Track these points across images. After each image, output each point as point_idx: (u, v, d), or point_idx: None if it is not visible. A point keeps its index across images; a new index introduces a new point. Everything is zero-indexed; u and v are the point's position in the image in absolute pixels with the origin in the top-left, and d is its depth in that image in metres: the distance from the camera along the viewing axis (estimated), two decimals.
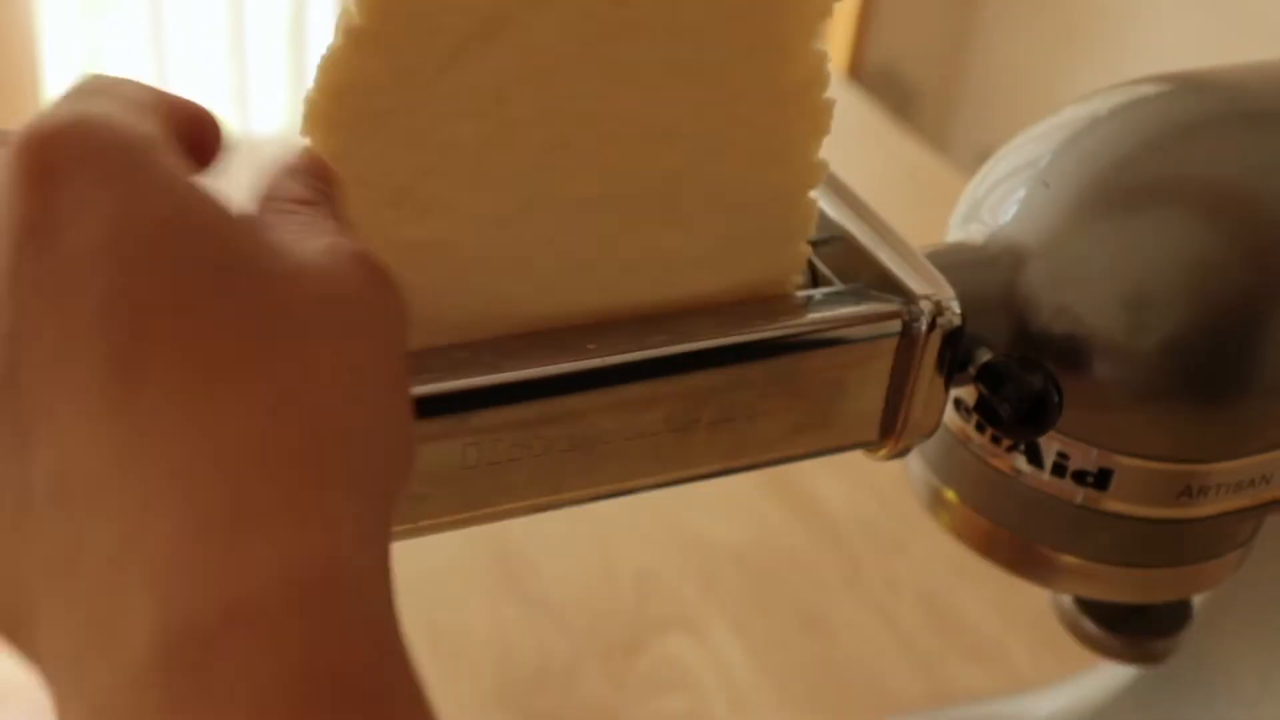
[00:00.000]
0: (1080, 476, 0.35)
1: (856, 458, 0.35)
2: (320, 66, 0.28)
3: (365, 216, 0.29)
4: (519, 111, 0.29)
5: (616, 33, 0.29)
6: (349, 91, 0.28)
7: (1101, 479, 0.35)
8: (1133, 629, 0.43)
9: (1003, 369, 0.33)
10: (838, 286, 0.34)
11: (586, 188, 0.30)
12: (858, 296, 0.33)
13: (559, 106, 0.30)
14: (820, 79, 0.31)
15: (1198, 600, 0.48)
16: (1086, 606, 0.43)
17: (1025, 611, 0.66)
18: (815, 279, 0.34)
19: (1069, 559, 0.37)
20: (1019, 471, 0.36)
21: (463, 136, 0.29)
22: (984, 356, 0.33)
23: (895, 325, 0.32)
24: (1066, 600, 0.43)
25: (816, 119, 0.32)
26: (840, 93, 1.19)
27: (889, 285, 0.32)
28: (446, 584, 0.65)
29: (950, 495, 0.38)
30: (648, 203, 0.31)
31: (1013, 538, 0.37)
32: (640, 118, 0.30)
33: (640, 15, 0.29)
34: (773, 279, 0.33)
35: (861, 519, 0.70)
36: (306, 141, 0.28)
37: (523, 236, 0.30)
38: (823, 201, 0.34)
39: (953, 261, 0.34)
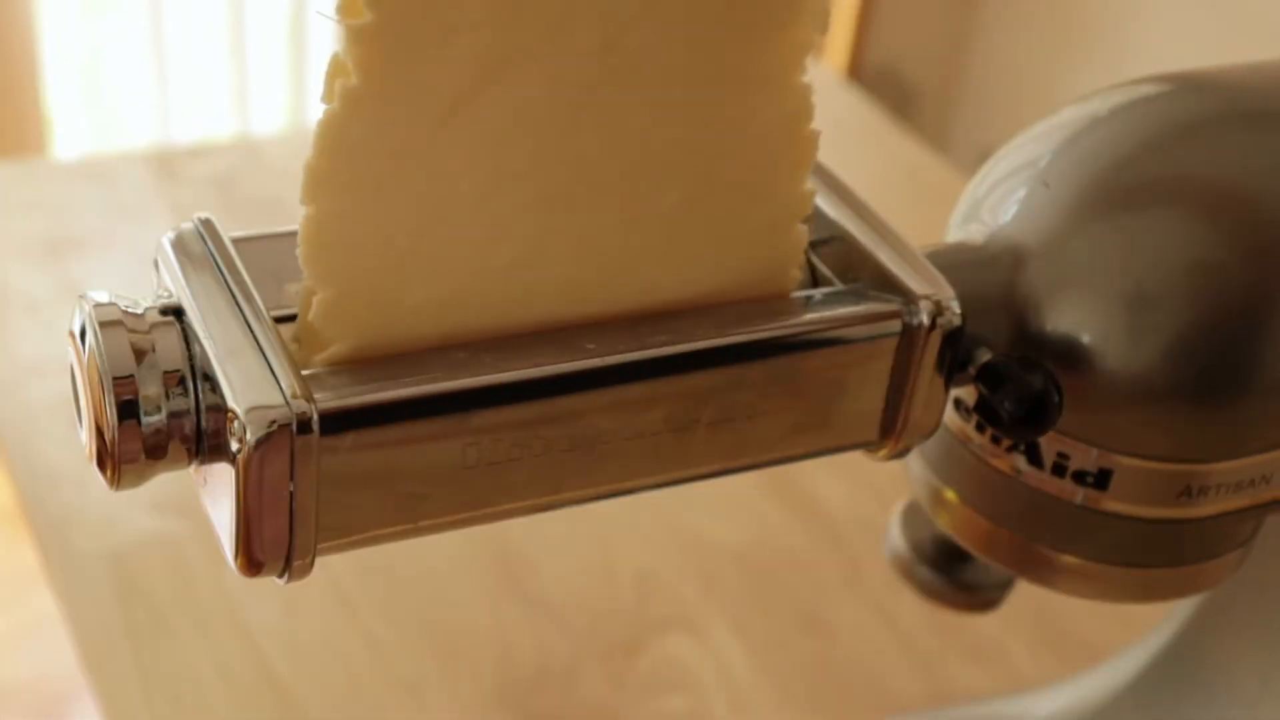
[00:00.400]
0: (1080, 476, 0.35)
1: (856, 458, 0.35)
2: (318, 131, 0.28)
3: (369, 282, 0.29)
4: (517, 162, 0.29)
5: (608, 78, 0.29)
6: (348, 153, 0.28)
7: (1101, 479, 0.35)
8: (966, 576, 0.44)
9: (1003, 369, 0.33)
10: (838, 286, 0.34)
11: (587, 233, 0.31)
12: (858, 296, 0.33)
13: (557, 155, 0.30)
14: (806, 111, 0.32)
15: (1197, 600, 0.48)
16: (921, 553, 0.44)
17: (1025, 611, 0.66)
18: (815, 279, 0.34)
19: (1069, 559, 0.37)
20: (1019, 471, 0.36)
21: (462, 191, 0.29)
22: (984, 356, 0.33)
23: (895, 325, 0.32)
24: (901, 546, 0.44)
25: (803, 150, 0.32)
26: (840, 93, 1.19)
27: (889, 285, 0.32)
28: (446, 584, 0.65)
29: (950, 495, 0.38)
30: (646, 243, 0.31)
31: (1013, 538, 0.37)
32: (636, 161, 0.31)
33: (629, 60, 0.29)
34: None
35: (861, 519, 0.70)
36: (307, 208, 0.28)
37: (525, 282, 0.31)
38: (823, 201, 0.34)
39: (953, 261, 0.34)
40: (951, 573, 0.44)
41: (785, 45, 0.31)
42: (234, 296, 0.28)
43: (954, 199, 0.38)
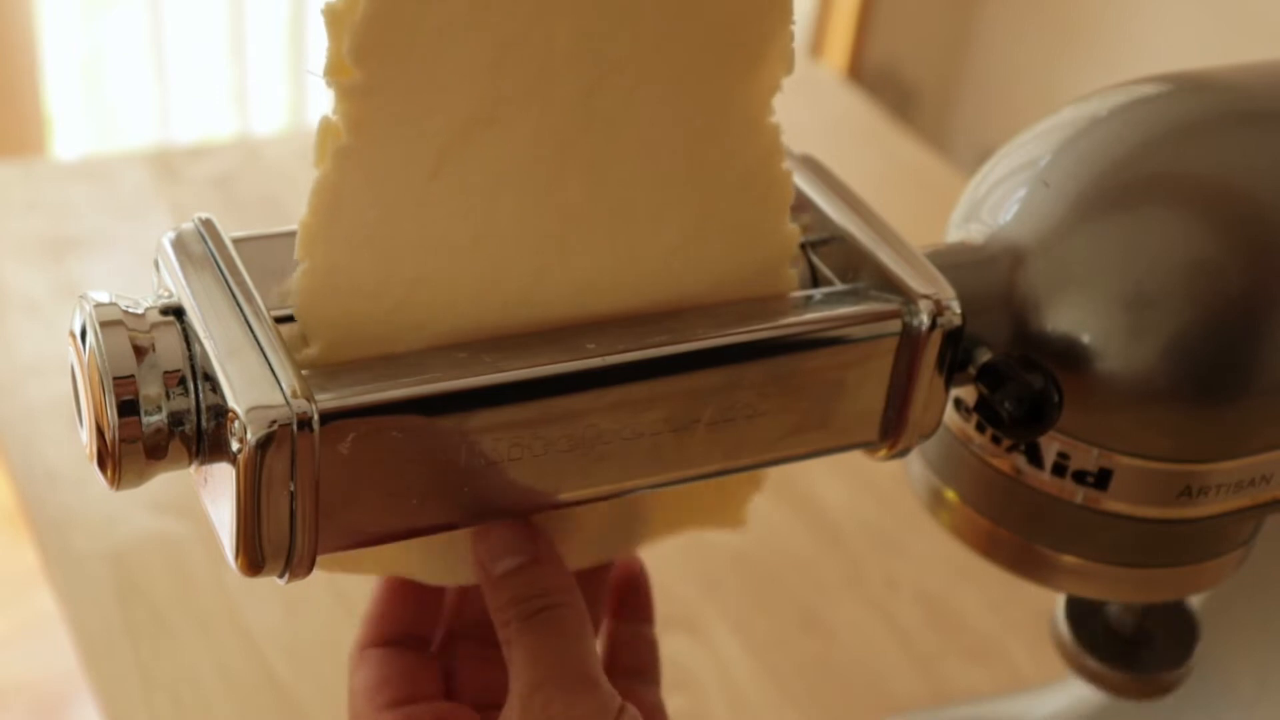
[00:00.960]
0: (1080, 476, 0.35)
1: (856, 458, 0.35)
2: (313, 190, 0.28)
3: (364, 332, 0.29)
4: (508, 210, 0.30)
5: (590, 125, 0.30)
6: (341, 210, 0.29)
7: (1101, 479, 0.35)
8: (1136, 661, 0.43)
9: (1003, 369, 0.33)
10: (838, 286, 0.34)
11: (581, 274, 0.31)
12: (858, 296, 0.33)
13: (546, 201, 0.30)
14: (777, 149, 0.32)
15: (1197, 600, 0.48)
16: (1087, 643, 0.43)
17: (1025, 611, 0.66)
18: (815, 279, 0.34)
19: (1069, 559, 0.37)
20: (1019, 471, 0.36)
21: (454, 240, 0.30)
22: (984, 356, 0.33)
23: (895, 325, 0.32)
24: (1067, 636, 0.43)
25: (780, 189, 0.33)
26: (840, 93, 1.19)
27: (889, 285, 0.32)
28: None
29: (950, 495, 0.38)
30: (640, 283, 0.32)
31: (1013, 538, 0.37)
32: (624, 203, 0.31)
33: (609, 105, 0.30)
34: None
35: (861, 519, 0.70)
36: (303, 263, 0.29)
37: (520, 321, 0.31)
38: (823, 201, 0.34)
39: (953, 261, 0.34)
40: (1126, 663, 0.43)
41: (756, 87, 0.31)
42: (234, 296, 0.28)
43: (954, 199, 0.38)
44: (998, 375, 0.33)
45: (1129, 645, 0.43)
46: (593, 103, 0.30)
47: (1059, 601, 0.45)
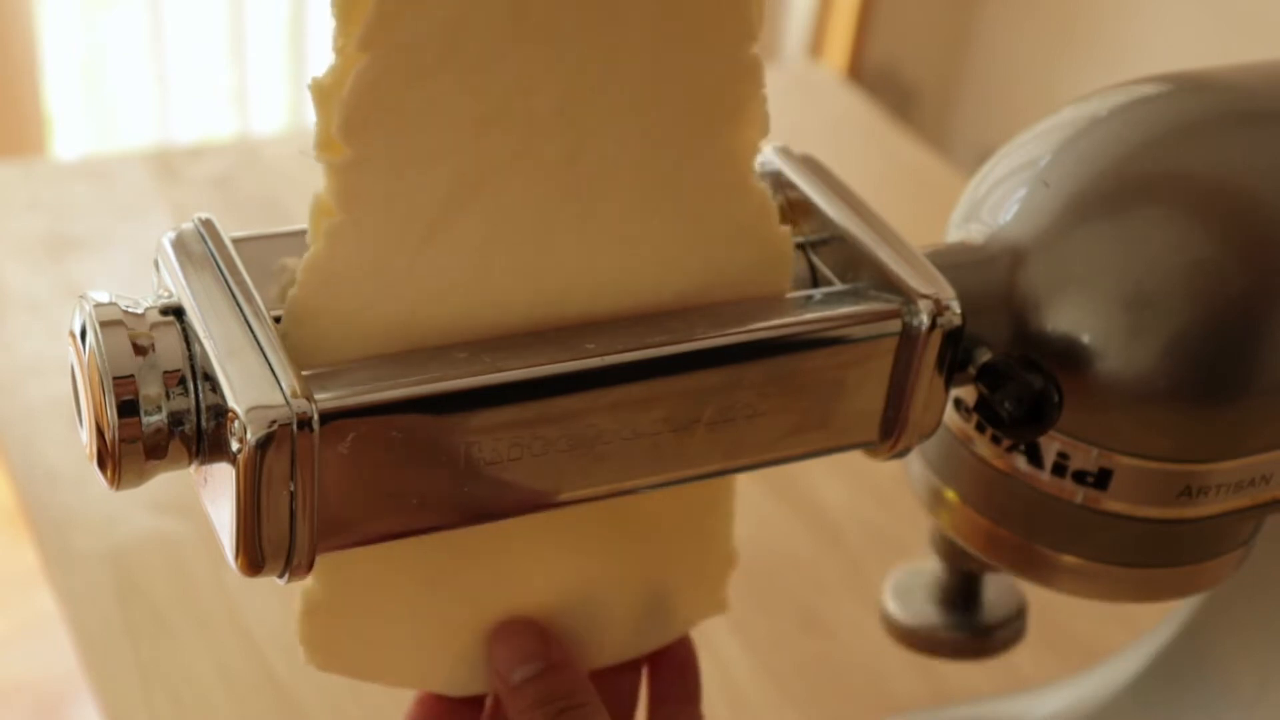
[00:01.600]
0: (1080, 476, 0.35)
1: (856, 458, 0.35)
2: (305, 267, 0.29)
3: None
4: (498, 276, 0.30)
5: (575, 188, 0.30)
6: (333, 284, 0.29)
7: (1101, 479, 0.35)
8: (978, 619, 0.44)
9: (1003, 369, 0.33)
10: (838, 286, 0.34)
11: (575, 323, 0.31)
12: (858, 296, 0.33)
13: (537, 265, 0.31)
14: (769, 209, 0.33)
15: (1197, 600, 0.48)
16: (925, 617, 0.44)
17: None
18: (815, 279, 0.34)
19: (1069, 559, 0.37)
20: (1019, 471, 0.36)
21: (447, 309, 0.30)
22: (984, 356, 0.33)
23: (895, 325, 0.32)
24: (902, 616, 0.44)
25: (777, 248, 0.33)
26: (840, 93, 1.19)
27: (889, 285, 0.32)
28: None
29: (950, 495, 0.38)
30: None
31: (1013, 538, 0.37)
32: (620, 267, 0.31)
33: (591, 169, 0.30)
34: None
35: (861, 519, 0.70)
36: (290, 334, 0.29)
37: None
38: (823, 201, 0.34)
39: (953, 261, 0.34)
40: (964, 623, 0.44)
41: (734, 149, 0.32)
42: (234, 296, 0.28)
43: (954, 199, 0.38)
44: (998, 375, 0.33)
45: (961, 605, 0.44)
46: (576, 167, 0.30)
47: (885, 592, 0.45)
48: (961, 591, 0.44)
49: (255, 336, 0.28)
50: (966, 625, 0.44)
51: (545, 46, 0.29)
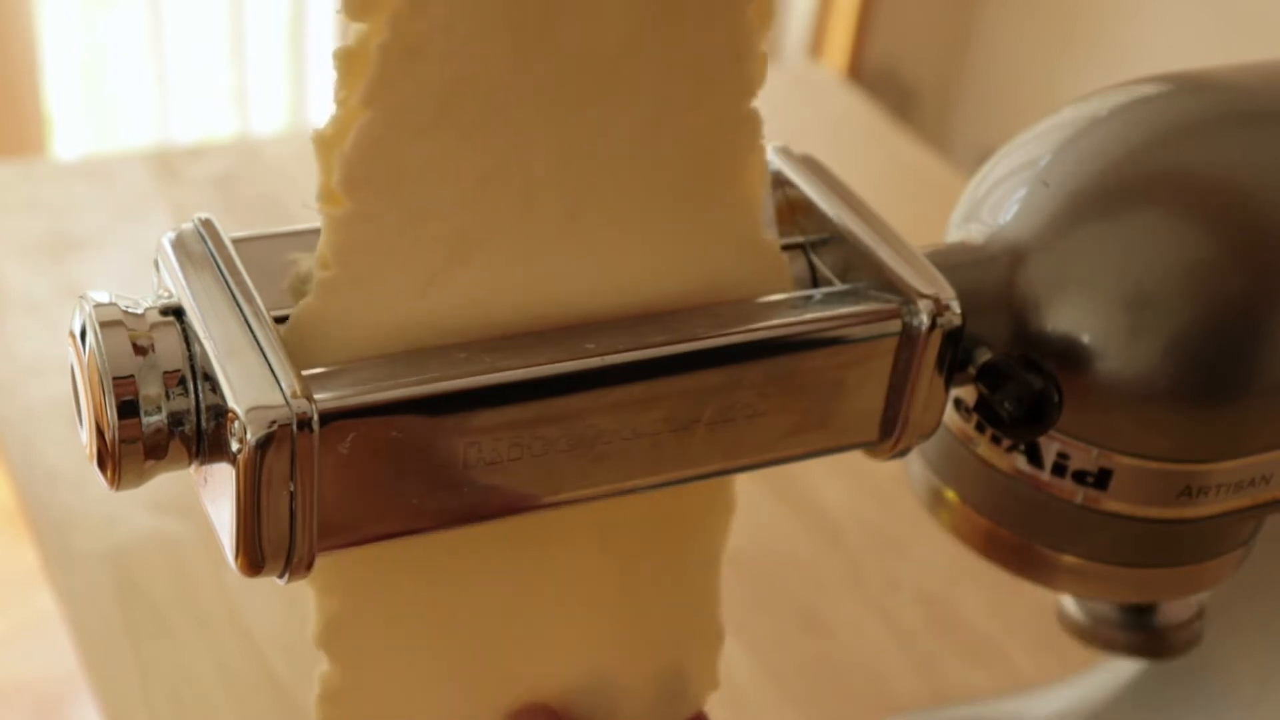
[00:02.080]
0: (1080, 476, 0.35)
1: (856, 458, 0.35)
2: (296, 316, 0.29)
3: None
4: (496, 322, 0.30)
5: (574, 245, 0.31)
6: (324, 341, 0.29)
7: (1101, 479, 0.35)
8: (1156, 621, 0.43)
9: (1003, 368, 0.33)
10: (838, 286, 0.34)
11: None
12: (858, 296, 0.33)
13: (533, 321, 0.31)
14: (780, 264, 0.33)
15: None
16: (1104, 617, 0.43)
17: (1025, 611, 0.66)
18: (815, 279, 0.34)
19: (1069, 559, 0.37)
20: (1019, 471, 0.36)
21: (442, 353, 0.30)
22: (984, 356, 0.33)
23: (895, 325, 0.32)
24: (1081, 615, 0.43)
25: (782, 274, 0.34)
26: (840, 93, 1.19)
27: (889, 285, 0.32)
28: None
29: (950, 495, 0.38)
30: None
31: (1013, 538, 0.37)
32: (621, 313, 0.32)
33: (596, 221, 0.31)
34: None
35: (861, 519, 0.70)
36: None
37: None
38: (823, 201, 0.34)
39: (953, 261, 0.34)
40: (1140, 621, 0.43)
41: (736, 200, 0.32)
42: (234, 296, 0.28)
43: (954, 199, 0.38)
44: (998, 375, 0.33)
45: (1138, 607, 0.43)
46: (577, 221, 0.30)
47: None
48: None
49: (255, 336, 0.28)
50: (1141, 624, 0.43)
51: (545, 104, 0.29)
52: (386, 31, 0.27)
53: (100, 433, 0.27)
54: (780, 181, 0.35)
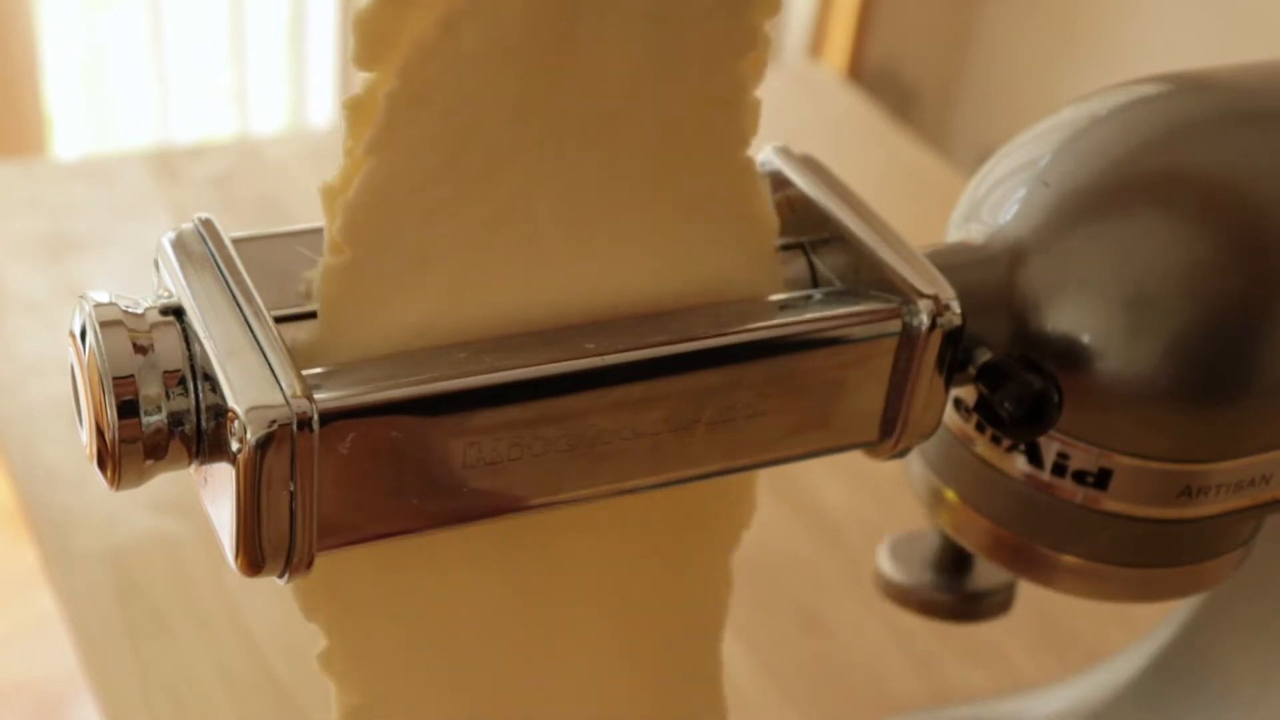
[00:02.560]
0: (1080, 476, 0.35)
1: (856, 458, 0.35)
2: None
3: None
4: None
5: (584, 283, 0.31)
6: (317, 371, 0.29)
7: (1101, 479, 0.35)
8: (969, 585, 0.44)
9: (1003, 368, 0.33)
10: (838, 286, 0.34)
11: None
12: (858, 296, 0.33)
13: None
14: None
15: (1197, 600, 0.48)
16: (919, 576, 0.44)
17: (1025, 611, 0.66)
18: (815, 279, 0.34)
19: (1069, 559, 0.37)
20: (1019, 471, 0.36)
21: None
22: (984, 356, 0.33)
23: (895, 325, 0.32)
24: (896, 575, 0.44)
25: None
26: (840, 93, 1.19)
27: (889, 285, 0.32)
28: None
29: (950, 495, 0.38)
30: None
31: (1013, 538, 0.37)
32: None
33: (601, 266, 0.31)
34: None
35: (861, 519, 0.70)
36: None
37: None
38: (823, 201, 0.34)
39: (953, 261, 0.34)
40: (955, 585, 0.44)
41: (740, 239, 0.32)
42: (234, 296, 0.28)
43: (954, 199, 0.38)
44: (998, 375, 0.33)
45: (956, 569, 0.44)
46: (580, 264, 0.31)
47: (880, 552, 0.45)
48: (954, 557, 0.44)
49: (255, 336, 0.28)
50: (957, 589, 0.44)
51: (550, 152, 0.30)
52: (395, 80, 0.28)
53: (100, 433, 0.27)
54: (780, 181, 0.35)
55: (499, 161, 0.29)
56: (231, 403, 0.27)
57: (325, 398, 0.27)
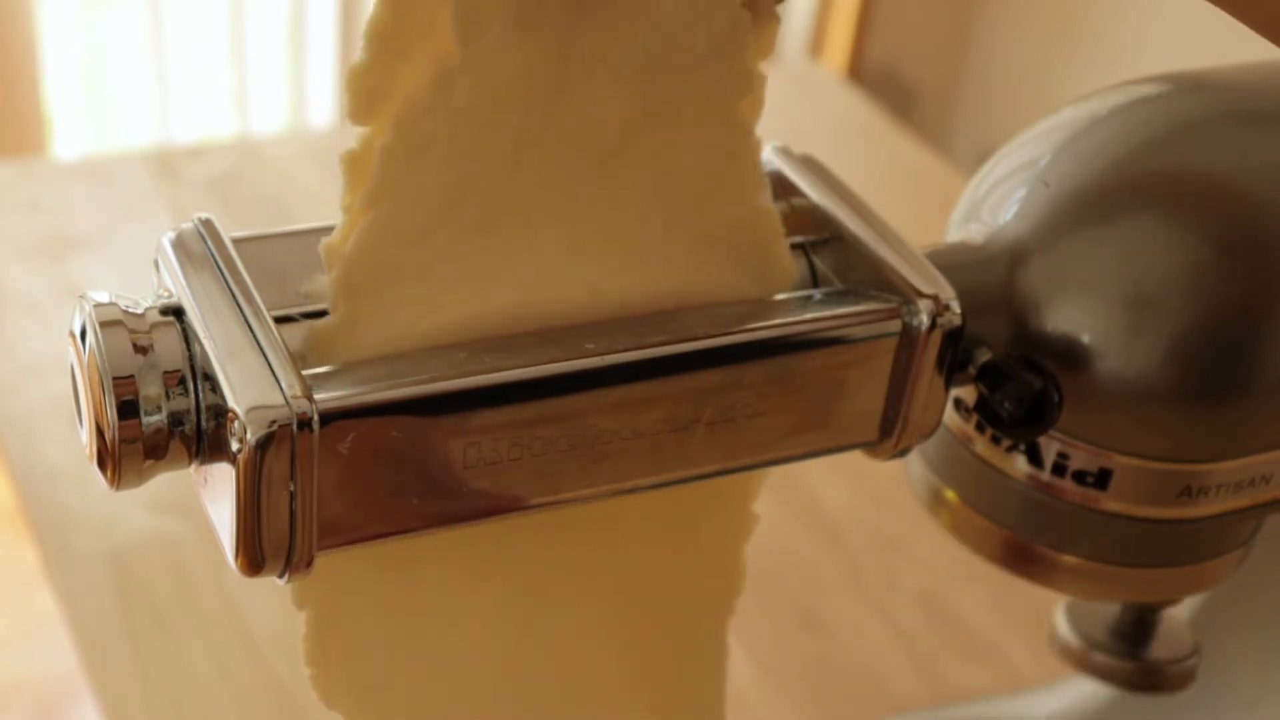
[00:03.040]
0: (1080, 476, 0.35)
1: (856, 458, 0.35)
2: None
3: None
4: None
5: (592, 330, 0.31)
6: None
7: (1101, 479, 0.35)
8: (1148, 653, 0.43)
9: (1003, 368, 0.33)
10: (838, 286, 0.34)
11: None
12: (858, 296, 0.33)
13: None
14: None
15: (1197, 600, 0.48)
16: (1095, 641, 0.43)
17: (1025, 611, 0.66)
18: (815, 279, 0.34)
19: (1069, 559, 0.37)
20: (1019, 471, 0.36)
21: None
22: (984, 356, 0.33)
23: (895, 325, 0.32)
24: (1072, 638, 0.43)
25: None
26: (840, 93, 1.19)
27: (889, 285, 0.32)
28: None
29: (950, 495, 0.38)
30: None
31: (1013, 538, 0.37)
32: None
33: (611, 313, 0.31)
34: None
35: (861, 519, 0.70)
36: None
37: None
38: (823, 201, 0.34)
39: (953, 261, 0.34)
40: (1134, 653, 0.43)
41: (757, 280, 0.33)
42: (234, 296, 0.28)
43: (954, 199, 0.38)
44: (998, 375, 0.33)
45: (1132, 638, 0.43)
46: (587, 311, 0.31)
47: (1059, 607, 0.45)
48: (1135, 623, 0.43)
49: (255, 336, 0.28)
50: (1137, 656, 0.43)
51: (548, 200, 0.30)
52: (390, 133, 0.28)
53: (100, 433, 0.28)
54: (780, 181, 0.35)
55: (497, 211, 0.29)
56: (231, 403, 0.27)
57: (325, 398, 0.27)
